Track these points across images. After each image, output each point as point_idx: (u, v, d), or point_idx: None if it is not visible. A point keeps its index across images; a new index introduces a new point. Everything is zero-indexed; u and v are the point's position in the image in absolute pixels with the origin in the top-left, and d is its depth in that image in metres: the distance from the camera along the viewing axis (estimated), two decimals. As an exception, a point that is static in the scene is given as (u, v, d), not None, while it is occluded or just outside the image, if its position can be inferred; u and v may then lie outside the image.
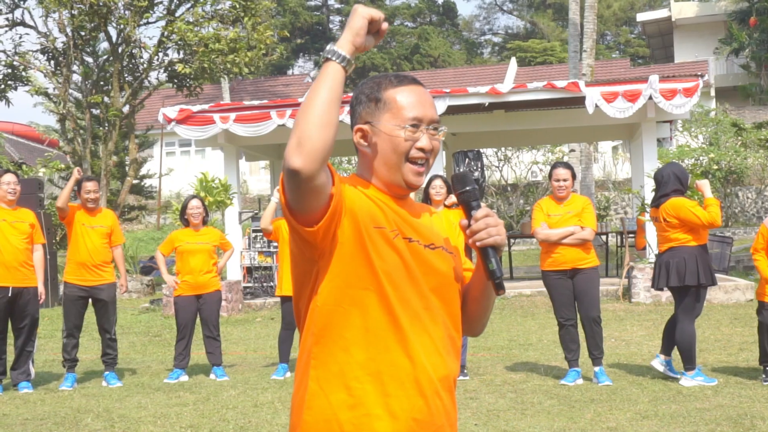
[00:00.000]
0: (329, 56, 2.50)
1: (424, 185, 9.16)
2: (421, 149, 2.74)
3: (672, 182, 9.42)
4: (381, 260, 2.62)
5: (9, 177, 10.26)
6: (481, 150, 22.54)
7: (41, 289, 10.41)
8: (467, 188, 2.75)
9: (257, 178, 40.22)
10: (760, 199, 31.89)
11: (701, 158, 28.85)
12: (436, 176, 9.80)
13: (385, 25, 2.59)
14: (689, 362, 9.32)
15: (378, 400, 2.60)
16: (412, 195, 2.87)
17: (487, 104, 17.73)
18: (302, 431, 2.65)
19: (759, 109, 37.30)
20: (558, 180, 9.63)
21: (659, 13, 50.57)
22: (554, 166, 9.81)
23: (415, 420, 2.63)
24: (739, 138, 29.09)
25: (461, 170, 3.23)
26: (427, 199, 9.70)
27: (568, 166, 9.84)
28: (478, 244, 2.67)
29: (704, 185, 9.48)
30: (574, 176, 9.80)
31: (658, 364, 9.73)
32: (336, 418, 2.60)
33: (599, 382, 9.48)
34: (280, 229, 10.42)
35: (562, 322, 9.70)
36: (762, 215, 32.01)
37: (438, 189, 9.70)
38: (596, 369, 9.64)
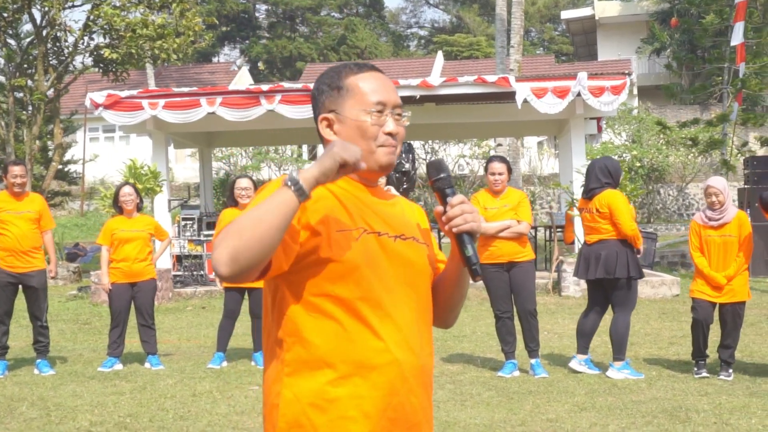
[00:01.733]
0: (289, 183, 2.39)
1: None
2: (389, 134, 2.73)
3: (604, 175, 9.54)
4: (345, 262, 2.59)
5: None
6: (411, 142, 22.63)
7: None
8: (441, 175, 2.75)
9: (183, 165, 39.82)
10: (680, 196, 32.54)
11: (624, 155, 29.30)
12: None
13: (362, 166, 2.50)
14: (619, 354, 9.46)
15: (351, 402, 2.58)
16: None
17: (418, 97, 17.78)
18: (281, 420, 2.62)
19: (680, 109, 38.04)
20: (494, 174, 9.65)
21: (583, 12, 51.25)
22: (490, 160, 9.86)
23: (390, 419, 2.62)
24: (662, 136, 29.60)
25: (434, 159, 3.21)
26: None
27: (503, 159, 9.90)
28: (454, 230, 2.66)
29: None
30: (510, 170, 9.84)
31: (576, 365, 9.78)
32: (311, 423, 2.58)
33: (536, 375, 9.58)
34: (221, 222, 10.38)
35: (499, 315, 9.76)
36: (683, 212, 32.67)
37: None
38: (533, 361, 9.74)
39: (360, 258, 2.62)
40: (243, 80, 45.12)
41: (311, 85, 15.20)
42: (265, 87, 17.99)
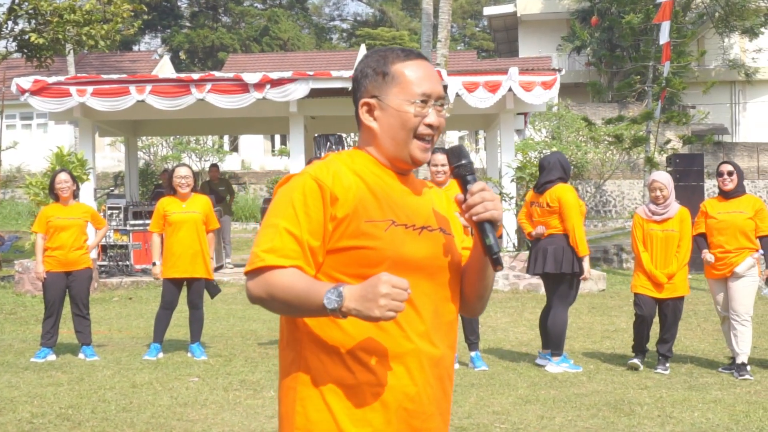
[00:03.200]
0: (328, 307, 2.45)
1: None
2: (429, 125, 2.71)
3: (557, 170, 9.63)
4: (371, 252, 2.59)
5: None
6: (342, 134, 22.57)
7: None
8: (462, 161, 2.73)
9: (102, 154, 39.11)
10: (598, 193, 33.00)
11: (545, 151, 29.56)
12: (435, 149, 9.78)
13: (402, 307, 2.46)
14: (557, 348, 9.55)
15: (370, 389, 2.58)
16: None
17: (349, 89, 17.68)
18: (297, 422, 2.61)
19: (599, 106, 38.56)
20: (436, 165, 9.57)
21: (505, 8, 51.50)
22: (432, 152, 9.80)
23: (406, 409, 2.62)
24: (581, 133, 29.93)
25: (454, 145, 3.10)
26: None
27: (445, 151, 9.88)
28: (474, 218, 2.64)
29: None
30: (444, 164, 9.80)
31: (543, 361, 9.80)
32: (329, 409, 2.58)
33: (476, 368, 9.61)
34: (158, 211, 10.33)
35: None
36: (600, 209, 33.16)
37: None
38: (472, 354, 9.76)
39: (386, 249, 2.60)
40: (165, 69, 44.54)
41: (242, 75, 15.02)
42: (195, 76, 17.78)
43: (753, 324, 9.67)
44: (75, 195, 10.58)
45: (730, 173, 9.42)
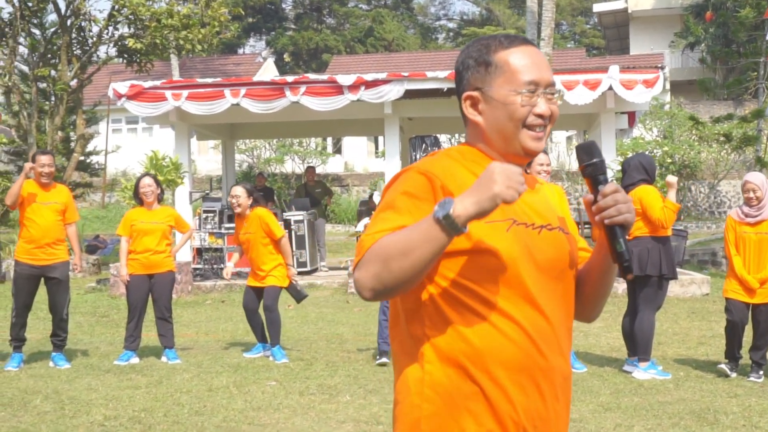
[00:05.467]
0: (442, 220, 2.22)
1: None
2: (540, 115, 2.51)
3: (639, 171, 9.33)
4: (494, 255, 2.40)
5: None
6: (438, 135, 22.37)
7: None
8: (594, 160, 2.52)
9: (206, 158, 39.69)
10: (712, 193, 32.08)
11: (655, 151, 28.91)
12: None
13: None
14: (645, 353, 9.22)
15: (501, 408, 2.41)
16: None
17: (445, 89, 17.52)
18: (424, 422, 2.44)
19: (713, 104, 37.49)
20: (541, 164, 9.20)
21: (616, 5, 50.60)
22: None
23: (536, 428, 2.46)
24: (695, 132, 29.19)
25: (585, 141, 2.96)
26: None
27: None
28: (606, 221, 2.43)
29: (673, 185, 9.34)
30: (548, 163, 9.53)
31: (630, 368, 9.47)
32: (455, 421, 2.41)
33: (575, 369, 9.30)
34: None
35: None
36: (714, 210, 32.22)
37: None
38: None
39: (510, 251, 2.42)
40: (268, 72, 44.94)
41: (336, 77, 14.93)
42: (289, 78, 17.78)
43: None
44: (160, 199, 10.62)
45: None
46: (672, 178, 9.40)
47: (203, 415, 7.74)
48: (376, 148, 41.97)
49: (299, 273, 17.97)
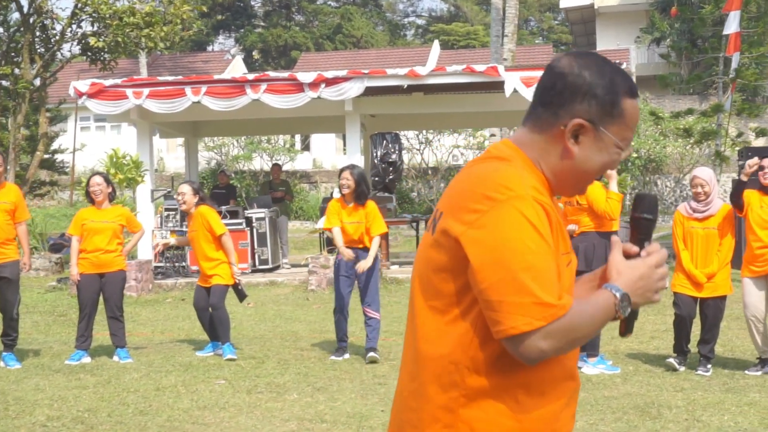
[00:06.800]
0: (619, 307, 2.29)
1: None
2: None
3: None
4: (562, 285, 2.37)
5: None
6: (403, 132, 22.40)
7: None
8: (651, 217, 2.50)
9: (174, 155, 39.61)
10: (678, 187, 32.32)
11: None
12: None
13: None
14: (593, 349, 9.30)
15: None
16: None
17: (405, 86, 17.56)
18: None
19: (678, 99, 37.75)
20: None
21: (582, 1, 50.86)
22: None
23: None
24: (658, 127, 29.40)
25: (647, 192, 2.91)
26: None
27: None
28: None
29: (613, 175, 9.44)
30: None
31: (579, 363, 9.54)
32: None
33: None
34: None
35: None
36: (679, 204, 32.44)
37: None
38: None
39: (567, 283, 2.38)
40: (237, 69, 44.87)
41: (297, 75, 14.88)
42: (250, 76, 17.78)
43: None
44: (111, 198, 10.60)
45: (774, 166, 9.06)
46: (611, 171, 9.48)
47: (147, 414, 7.75)
48: (344, 144, 42.03)
49: (261, 270, 18.06)
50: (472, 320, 2.31)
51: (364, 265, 9.91)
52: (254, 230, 18.13)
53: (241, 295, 10.72)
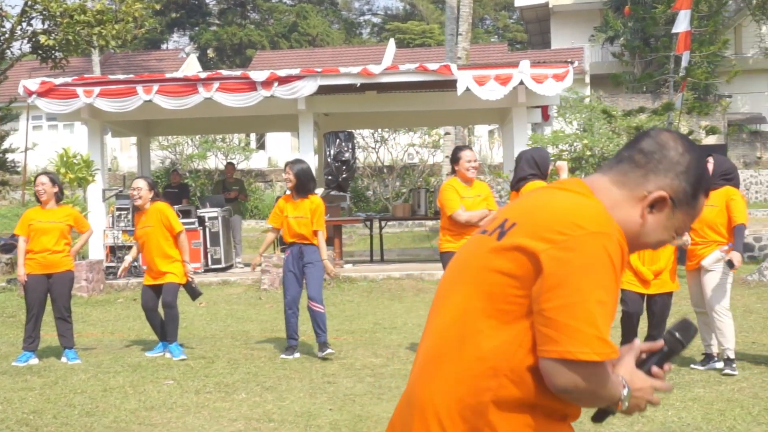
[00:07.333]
0: (625, 395, 2.41)
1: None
2: None
3: (530, 165, 9.40)
4: None
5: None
6: (358, 131, 22.39)
7: None
8: (684, 343, 2.59)
9: (128, 154, 39.32)
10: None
11: (575, 144, 29.24)
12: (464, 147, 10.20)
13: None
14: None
15: None
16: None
17: (358, 85, 17.57)
18: None
19: (632, 97, 38.02)
20: (469, 161, 9.74)
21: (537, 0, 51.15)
22: (461, 149, 10.05)
23: None
24: (611, 125, 29.59)
25: (690, 322, 2.87)
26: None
27: (471, 148, 10.04)
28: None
29: (562, 167, 9.51)
30: (475, 159, 9.97)
31: None
32: None
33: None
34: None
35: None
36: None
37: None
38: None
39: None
40: (191, 68, 44.60)
41: (249, 73, 14.82)
42: (203, 75, 17.71)
43: (760, 318, 9.39)
44: (59, 198, 10.51)
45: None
46: (561, 162, 9.57)
47: (94, 416, 7.70)
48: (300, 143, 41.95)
49: (214, 270, 17.99)
50: (522, 331, 2.34)
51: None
52: (207, 230, 18.07)
53: (195, 293, 10.69)
